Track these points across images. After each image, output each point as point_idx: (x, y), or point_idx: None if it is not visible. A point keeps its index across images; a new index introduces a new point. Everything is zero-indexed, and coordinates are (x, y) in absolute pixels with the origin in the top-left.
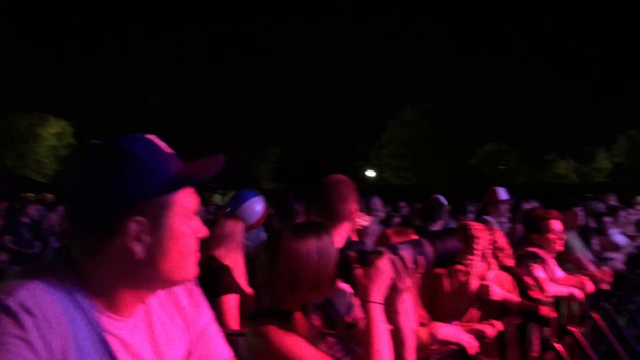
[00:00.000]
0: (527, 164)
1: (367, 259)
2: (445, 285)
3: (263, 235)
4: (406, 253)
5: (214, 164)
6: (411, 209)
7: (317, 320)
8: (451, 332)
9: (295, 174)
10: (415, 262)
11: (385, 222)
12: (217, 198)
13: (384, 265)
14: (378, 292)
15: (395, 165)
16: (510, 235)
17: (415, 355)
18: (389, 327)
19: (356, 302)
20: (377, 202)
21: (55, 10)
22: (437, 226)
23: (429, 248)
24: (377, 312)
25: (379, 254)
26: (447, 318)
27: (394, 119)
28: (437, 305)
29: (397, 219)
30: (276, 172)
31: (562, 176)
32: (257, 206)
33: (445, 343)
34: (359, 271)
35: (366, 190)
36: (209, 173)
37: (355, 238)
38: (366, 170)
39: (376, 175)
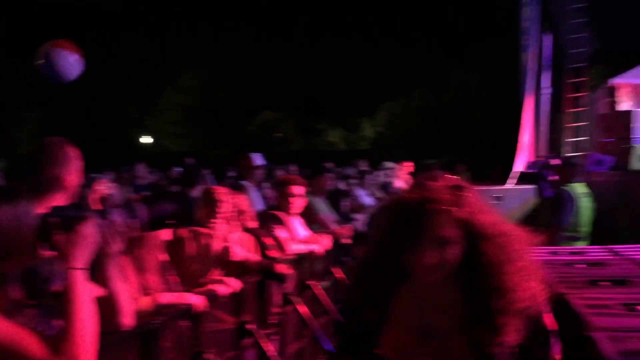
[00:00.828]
0: (302, 132)
1: (69, 224)
2: (189, 248)
3: None
4: (117, 217)
5: None
6: (165, 175)
7: (17, 292)
8: (175, 296)
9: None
10: (128, 226)
11: (150, 189)
12: None
13: (88, 230)
14: (81, 258)
15: (172, 132)
16: (268, 199)
17: (134, 320)
18: (99, 292)
19: (63, 269)
20: (141, 169)
21: None
22: (196, 191)
23: (143, 211)
24: (79, 279)
25: (82, 218)
26: (190, 280)
27: (171, 85)
28: (181, 268)
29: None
30: (38, 137)
31: (332, 144)
32: (70, 57)
33: (171, 307)
34: (60, 237)
35: (141, 157)
36: None
37: (98, 206)
38: (141, 137)
39: (153, 142)
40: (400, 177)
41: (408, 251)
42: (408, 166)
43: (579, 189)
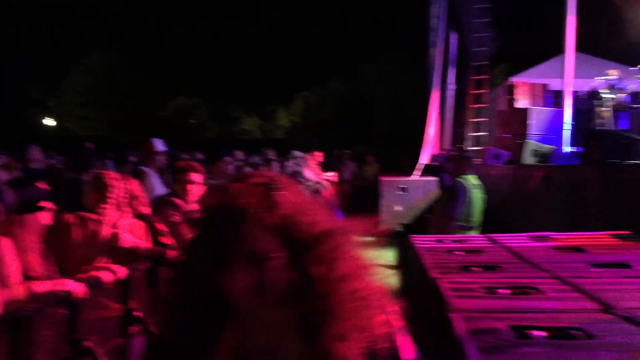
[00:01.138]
0: (217, 119)
1: None
2: (75, 234)
3: None
4: None
5: None
6: (65, 160)
7: None
8: (52, 283)
9: None
10: None
11: (43, 173)
12: None
13: None
14: None
15: (78, 115)
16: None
17: (2, 308)
18: None
19: None
20: (35, 152)
21: None
22: (90, 176)
23: (9, 194)
24: None
25: None
26: (76, 266)
27: (76, 65)
28: (66, 254)
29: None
30: None
31: (247, 132)
32: None
33: (49, 295)
34: None
35: (43, 140)
36: None
37: None
38: (44, 119)
39: (57, 125)
40: (310, 166)
41: (219, 274)
42: (318, 155)
43: (472, 180)
